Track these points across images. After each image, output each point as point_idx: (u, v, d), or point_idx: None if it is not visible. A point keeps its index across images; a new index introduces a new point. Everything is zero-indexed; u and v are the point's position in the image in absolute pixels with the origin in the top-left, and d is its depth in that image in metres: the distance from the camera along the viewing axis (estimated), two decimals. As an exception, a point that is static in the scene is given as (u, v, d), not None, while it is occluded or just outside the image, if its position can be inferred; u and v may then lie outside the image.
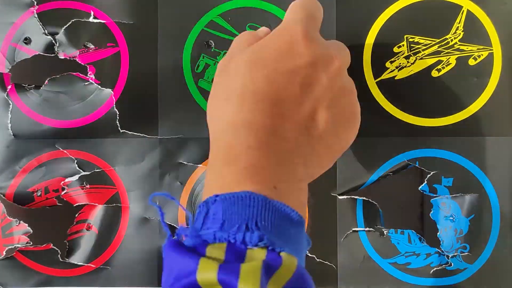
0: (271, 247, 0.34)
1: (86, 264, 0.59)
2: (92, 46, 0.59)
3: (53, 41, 0.58)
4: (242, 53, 0.44)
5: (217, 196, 0.37)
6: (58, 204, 0.59)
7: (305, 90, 0.41)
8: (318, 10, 0.47)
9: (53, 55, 0.59)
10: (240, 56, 0.43)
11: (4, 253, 0.58)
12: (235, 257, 0.34)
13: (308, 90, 0.42)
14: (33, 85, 0.59)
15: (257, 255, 0.34)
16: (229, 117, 0.41)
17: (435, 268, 0.58)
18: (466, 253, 0.57)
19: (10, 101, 0.59)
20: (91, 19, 0.59)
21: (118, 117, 0.58)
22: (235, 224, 0.35)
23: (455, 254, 0.57)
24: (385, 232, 0.58)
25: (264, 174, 0.39)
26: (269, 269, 0.33)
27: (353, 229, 0.58)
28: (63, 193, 0.59)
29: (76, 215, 0.60)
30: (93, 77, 0.58)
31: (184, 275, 0.34)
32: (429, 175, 0.57)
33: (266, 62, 0.42)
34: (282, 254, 0.34)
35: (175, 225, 0.58)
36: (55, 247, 0.59)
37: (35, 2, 0.59)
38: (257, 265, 0.33)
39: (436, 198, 0.57)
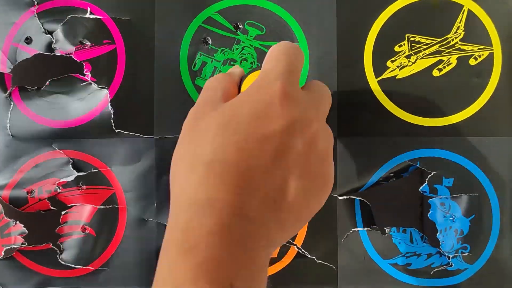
0: None
1: (84, 267, 0.59)
2: (88, 43, 0.58)
3: (53, 39, 0.58)
4: (215, 111, 0.40)
5: None
6: (51, 207, 0.59)
7: (277, 159, 0.38)
8: (300, 58, 0.44)
9: (53, 54, 0.58)
10: (212, 115, 0.40)
11: (3, 253, 0.58)
12: None
13: (281, 159, 0.38)
14: (36, 87, 0.59)
15: None
16: (192, 189, 0.38)
17: (436, 269, 0.57)
18: (467, 254, 0.57)
19: (11, 101, 0.58)
20: (87, 15, 0.58)
21: (112, 116, 0.58)
22: None
23: (456, 254, 0.57)
24: (386, 230, 0.58)
25: (222, 269, 0.35)
26: None
27: (353, 229, 0.58)
28: (56, 194, 0.59)
29: (63, 214, 0.59)
30: (89, 75, 0.58)
31: None
32: (429, 176, 0.57)
33: (239, 126, 0.38)
34: None
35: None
36: (54, 247, 0.58)
37: (36, 2, 0.58)
38: None
39: (433, 198, 0.57)
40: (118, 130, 0.58)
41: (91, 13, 0.58)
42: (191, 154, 0.40)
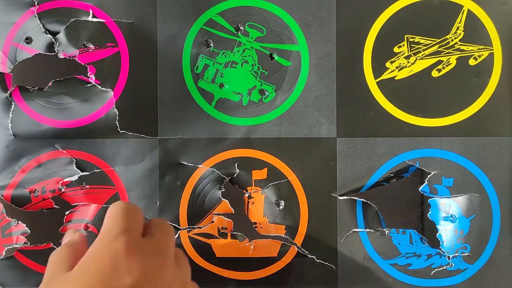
0: None
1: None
2: (92, 46, 0.58)
3: (54, 40, 0.58)
4: (64, 280, 0.40)
5: None
6: (54, 206, 0.59)
7: None
8: (138, 216, 0.45)
9: (54, 54, 0.58)
10: (62, 285, 0.39)
11: (4, 253, 0.58)
12: None
13: None
14: (37, 87, 0.59)
15: None
16: None
17: (436, 269, 0.58)
18: (467, 254, 0.57)
19: (12, 101, 0.59)
20: (90, 18, 0.58)
21: (117, 117, 0.58)
22: None
23: (456, 254, 0.57)
24: (386, 232, 0.58)
25: None
26: None
27: (354, 230, 0.58)
28: (60, 193, 0.59)
29: (67, 213, 0.59)
30: (93, 77, 0.58)
31: None
32: (429, 176, 0.57)
33: (89, 285, 0.38)
34: None
35: (176, 226, 0.58)
36: (55, 247, 0.59)
37: (36, 2, 0.59)
38: None
39: (433, 198, 0.57)
40: (122, 131, 0.58)
41: (93, 16, 0.58)
42: None
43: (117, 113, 0.58)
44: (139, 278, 0.39)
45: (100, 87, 0.58)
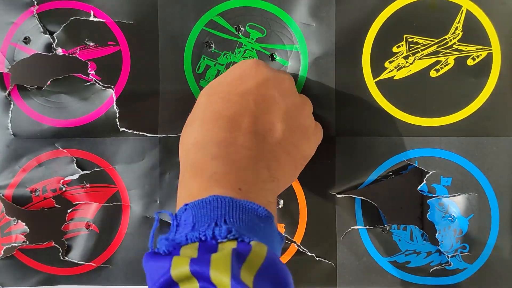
0: (240, 238, 0.36)
1: (87, 263, 0.59)
2: (92, 43, 0.59)
3: (52, 39, 0.58)
4: (205, 87, 0.50)
5: (186, 205, 0.40)
6: (56, 205, 0.59)
7: (259, 106, 0.46)
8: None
9: (52, 54, 0.59)
10: (203, 90, 0.50)
11: (3, 252, 0.58)
12: (207, 252, 0.35)
13: (263, 106, 0.47)
14: (35, 86, 0.59)
15: (227, 246, 0.36)
16: (192, 138, 0.46)
17: (434, 267, 0.58)
18: (466, 253, 0.57)
19: (11, 100, 0.59)
20: (91, 19, 0.59)
21: (117, 116, 0.58)
22: (205, 223, 0.37)
23: (455, 254, 0.57)
24: (387, 228, 0.58)
25: (228, 178, 0.42)
26: (239, 256, 0.35)
27: (353, 227, 0.58)
28: (61, 192, 0.59)
29: (69, 211, 0.60)
30: (94, 73, 0.58)
31: (161, 275, 0.36)
32: (428, 175, 0.57)
33: (222, 87, 0.48)
34: (252, 242, 0.36)
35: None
36: (56, 245, 0.59)
37: (35, 2, 0.59)
38: (227, 253, 0.34)
39: (432, 199, 0.58)
40: (122, 129, 0.59)
41: (94, 17, 0.59)
42: (189, 118, 0.49)
43: (117, 111, 0.58)
44: (262, 82, 0.48)
45: (100, 84, 0.58)
